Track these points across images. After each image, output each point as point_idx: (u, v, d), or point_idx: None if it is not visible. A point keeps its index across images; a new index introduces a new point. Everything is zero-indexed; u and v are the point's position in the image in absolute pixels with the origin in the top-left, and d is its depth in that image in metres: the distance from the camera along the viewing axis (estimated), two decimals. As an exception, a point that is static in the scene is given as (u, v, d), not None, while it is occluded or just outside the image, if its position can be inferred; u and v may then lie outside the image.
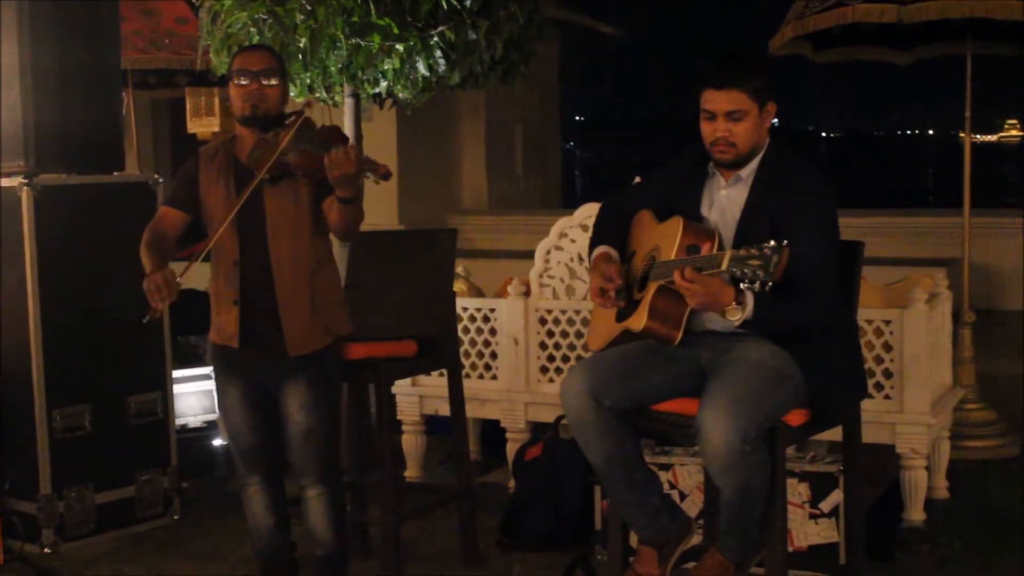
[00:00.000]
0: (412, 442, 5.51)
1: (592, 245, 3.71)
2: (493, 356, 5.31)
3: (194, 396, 5.90)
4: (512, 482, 5.10)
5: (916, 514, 4.73)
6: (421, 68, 5.21)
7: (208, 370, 5.62)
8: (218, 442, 5.83)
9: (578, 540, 4.65)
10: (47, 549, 4.87)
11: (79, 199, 4.99)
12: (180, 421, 5.59)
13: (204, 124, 7.18)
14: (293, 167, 3.67)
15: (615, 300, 3.54)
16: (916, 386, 4.60)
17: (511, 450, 5.20)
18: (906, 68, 6.43)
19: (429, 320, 4.41)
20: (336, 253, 4.02)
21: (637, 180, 4.10)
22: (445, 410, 4.78)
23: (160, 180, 5.21)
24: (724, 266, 3.17)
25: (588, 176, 38.96)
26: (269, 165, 3.64)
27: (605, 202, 3.86)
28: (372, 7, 5.08)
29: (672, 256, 3.38)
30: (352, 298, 4.15)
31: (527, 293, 5.26)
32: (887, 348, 4.63)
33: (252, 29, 5.27)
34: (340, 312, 3.90)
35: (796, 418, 3.40)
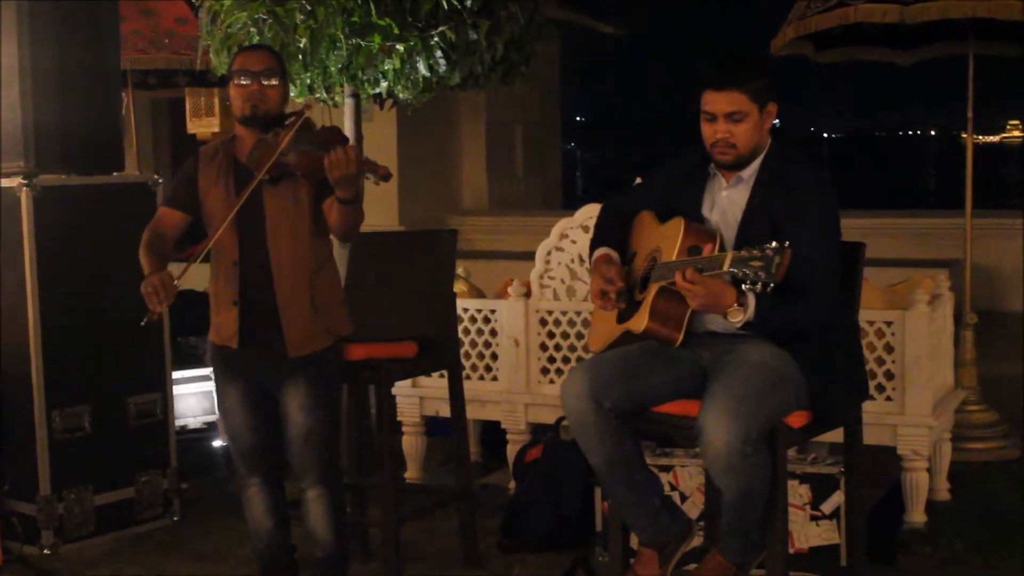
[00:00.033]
0: (412, 443, 5.50)
1: (593, 246, 3.70)
2: (493, 357, 5.29)
3: (194, 397, 5.89)
4: (512, 483, 5.09)
5: (917, 516, 4.71)
6: (421, 68, 5.21)
7: (208, 371, 5.61)
8: (218, 443, 5.82)
9: (578, 541, 4.64)
10: (47, 550, 4.86)
11: (79, 199, 4.98)
12: (180, 422, 5.58)
13: (204, 124, 7.16)
14: (293, 168, 3.67)
15: (616, 302, 3.54)
16: (917, 388, 4.59)
17: (511, 451, 5.19)
18: (908, 68, 6.42)
19: (429, 321, 4.41)
20: (336, 254, 4.01)
21: (638, 181, 4.10)
22: (445, 411, 4.77)
23: (160, 180, 5.21)
24: (726, 267, 3.16)
25: (589, 177, 38.95)
26: (269, 165, 3.64)
27: (606, 203, 3.85)
28: (372, 7, 5.08)
29: (673, 257, 3.38)
30: (352, 299, 4.15)
31: (528, 294, 5.25)
32: (888, 349, 4.62)
33: (252, 29, 5.26)
34: (340, 313, 3.90)
35: (797, 420, 3.40)
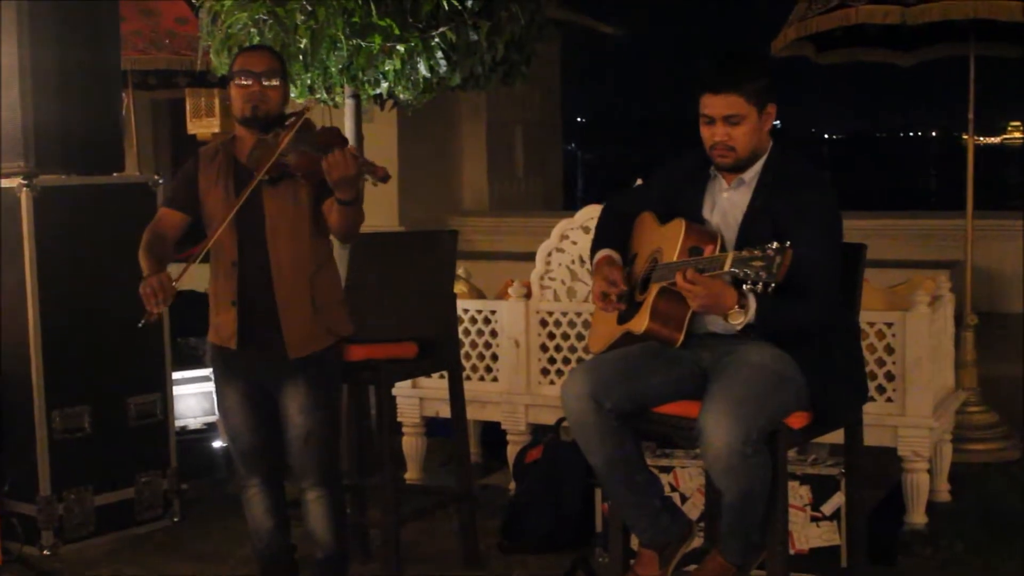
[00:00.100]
0: (412, 444, 5.49)
1: (594, 248, 3.70)
2: (494, 358, 5.29)
3: (194, 398, 5.88)
4: (513, 484, 5.09)
5: (918, 517, 4.71)
6: (422, 69, 5.20)
7: (208, 372, 5.60)
8: (218, 444, 5.82)
9: (579, 542, 4.64)
10: (46, 551, 4.86)
11: (79, 200, 4.98)
12: (180, 423, 5.58)
13: (204, 125, 7.15)
14: (292, 168, 3.66)
15: (617, 304, 3.54)
16: (918, 389, 4.58)
17: (512, 452, 5.19)
18: (909, 70, 6.41)
19: (430, 322, 4.41)
20: (337, 254, 4.01)
21: (639, 182, 4.09)
22: (446, 412, 4.77)
23: (160, 181, 5.20)
24: (727, 267, 3.16)
25: (589, 177, 38.94)
26: (268, 166, 3.64)
27: (607, 204, 3.85)
28: (373, 8, 5.07)
29: (674, 258, 3.37)
30: (352, 299, 4.14)
31: (528, 295, 5.24)
32: (889, 351, 4.61)
33: (252, 30, 5.26)
34: (341, 313, 3.89)
35: (797, 421, 3.39)
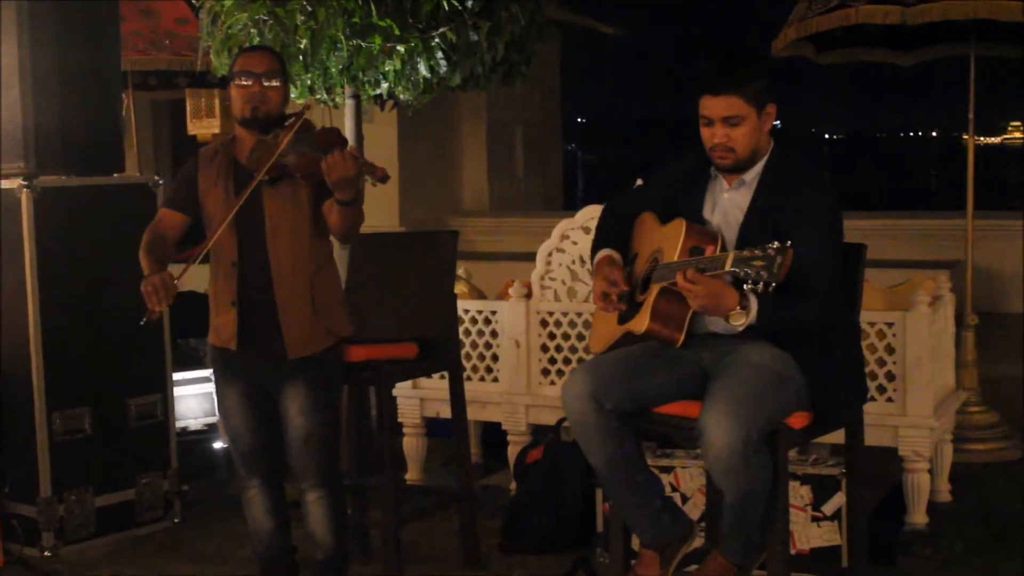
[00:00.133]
0: (413, 444, 5.49)
1: (595, 248, 3.69)
2: (494, 358, 5.29)
3: (194, 399, 5.88)
4: (513, 484, 5.09)
5: (918, 517, 4.71)
6: (422, 69, 5.20)
7: (208, 373, 5.59)
8: (218, 445, 5.82)
9: (579, 542, 4.64)
10: (47, 552, 4.86)
11: (79, 200, 4.98)
12: (180, 424, 5.57)
13: (204, 125, 7.15)
14: (292, 169, 3.66)
15: (618, 304, 3.53)
16: (918, 389, 4.58)
17: (512, 452, 5.19)
18: (909, 70, 6.41)
19: (430, 322, 4.40)
20: (337, 255, 4.01)
21: (639, 182, 4.09)
22: (446, 412, 4.76)
23: (160, 182, 5.20)
24: (727, 267, 3.15)
25: (589, 177, 38.94)
26: (268, 167, 3.64)
27: (607, 205, 3.84)
28: (373, 8, 5.07)
29: (675, 258, 3.37)
30: (353, 300, 4.14)
31: (528, 295, 5.24)
32: (889, 351, 4.61)
33: (252, 30, 5.26)
34: (341, 314, 3.89)
35: (798, 421, 3.39)
